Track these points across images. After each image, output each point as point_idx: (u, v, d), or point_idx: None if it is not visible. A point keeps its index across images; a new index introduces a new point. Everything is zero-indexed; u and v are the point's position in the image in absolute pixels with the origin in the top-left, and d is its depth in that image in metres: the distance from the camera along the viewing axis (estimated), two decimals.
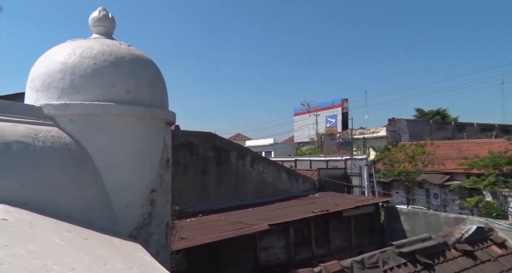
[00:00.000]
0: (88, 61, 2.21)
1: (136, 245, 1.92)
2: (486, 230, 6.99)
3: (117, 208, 2.17)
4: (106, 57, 2.27)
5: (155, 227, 2.47)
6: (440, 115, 51.45)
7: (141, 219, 2.34)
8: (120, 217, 2.17)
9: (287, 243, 7.78)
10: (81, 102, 2.15)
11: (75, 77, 2.18)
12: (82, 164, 2.05)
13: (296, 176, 12.25)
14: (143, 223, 2.35)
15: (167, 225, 2.70)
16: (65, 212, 1.82)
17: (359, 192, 14.65)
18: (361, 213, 9.68)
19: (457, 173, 27.38)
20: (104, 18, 2.55)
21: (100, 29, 2.57)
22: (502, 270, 6.03)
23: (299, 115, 53.92)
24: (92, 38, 2.51)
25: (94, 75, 2.21)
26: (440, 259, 5.89)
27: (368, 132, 39.47)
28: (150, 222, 2.43)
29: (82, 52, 2.25)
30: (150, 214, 2.43)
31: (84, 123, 2.16)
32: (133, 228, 2.26)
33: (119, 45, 2.44)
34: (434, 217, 8.86)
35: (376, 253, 5.56)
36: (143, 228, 2.34)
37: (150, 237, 2.41)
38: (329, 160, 16.19)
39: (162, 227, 2.58)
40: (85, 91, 2.18)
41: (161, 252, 2.52)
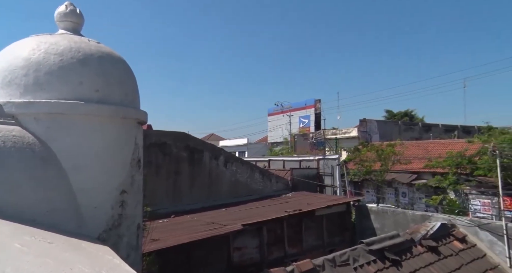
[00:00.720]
0: (54, 58, 2.12)
1: (105, 247, 1.86)
2: (449, 226, 7.32)
3: (85, 210, 2.09)
4: (73, 54, 2.18)
5: (125, 229, 2.40)
6: (408, 116, 53.40)
7: (110, 221, 2.27)
8: (88, 219, 2.10)
9: (260, 243, 7.81)
10: (46, 100, 2.06)
11: (39, 74, 2.09)
12: (47, 165, 1.96)
13: (269, 176, 12.31)
14: (112, 225, 2.28)
15: (138, 226, 2.64)
16: (28, 216, 1.74)
17: (331, 191, 14.93)
18: (333, 212, 9.86)
19: (424, 172, 28.49)
20: (71, 13, 2.46)
21: (67, 25, 2.47)
22: (462, 264, 6.35)
23: (273, 116, 54.30)
24: (58, 34, 2.41)
25: (60, 72, 2.12)
26: (407, 255, 6.11)
27: (340, 133, 40.30)
28: (120, 224, 2.36)
29: (48, 48, 2.15)
30: (120, 215, 2.37)
31: (50, 122, 2.07)
32: (102, 230, 2.19)
33: (87, 41, 2.36)
34: (402, 215, 9.17)
35: (347, 251, 5.69)
36: (113, 230, 2.27)
37: (120, 239, 2.35)
38: (302, 160, 16.39)
39: (132, 229, 2.52)
40: (50, 89, 2.09)
41: (132, 254, 2.46)
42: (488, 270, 6.48)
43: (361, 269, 5.48)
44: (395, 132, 40.65)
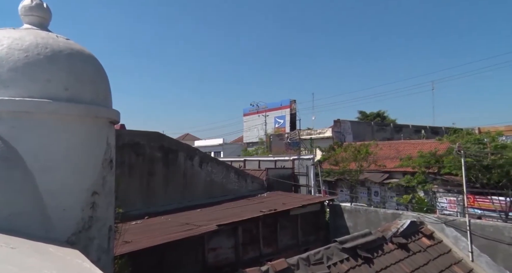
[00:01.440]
0: (19, 54, 2.03)
1: (74, 251, 1.80)
2: (417, 223, 7.58)
3: (52, 212, 2.01)
4: (40, 50, 2.09)
5: (96, 232, 2.33)
6: (380, 117, 54.91)
7: (80, 224, 2.19)
8: (56, 222, 2.02)
9: (235, 243, 7.79)
10: (10, 98, 1.96)
11: (2, 70, 1.99)
12: (10, 166, 1.87)
13: (244, 176, 12.31)
14: (82, 228, 2.21)
15: (110, 229, 2.57)
16: None
17: (306, 191, 15.11)
18: (308, 211, 9.98)
19: (395, 172, 29.39)
20: (37, 7, 2.36)
21: (32, 19, 2.36)
22: (430, 259, 6.60)
23: (249, 116, 54.36)
24: (23, 29, 2.30)
25: (26, 69, 2.02)
26: (379, 252, 6.28)
27: (315, 133, 40.88)
28: (91, 226, 2.29)
29: (11, 43, 2.05)
30: (91, 217, 2.29)
31: (14, 121, 1.98)
32: (71, 233, 2.12)
33: (55, 37, 2.27)
34: (374, 213, 9.41)
35: (321, 249, 5.77)
36: (83, 233, 2.20)
37: (91, 242, 2.28)
38: (277, 160, 16.49)
39: (104, 231, 2.45)
40: (15, 86, 1.99)
41: (103, 257, 2.39)
42: (452, 264, 6.76)
43: (334, 267, 5.58)
44: (368, 132, 41.71)
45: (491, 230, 6.91)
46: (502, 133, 25.65)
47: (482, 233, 6.97)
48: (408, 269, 6.14)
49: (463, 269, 6.74)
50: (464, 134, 23.45)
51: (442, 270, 6.46)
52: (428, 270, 6.33)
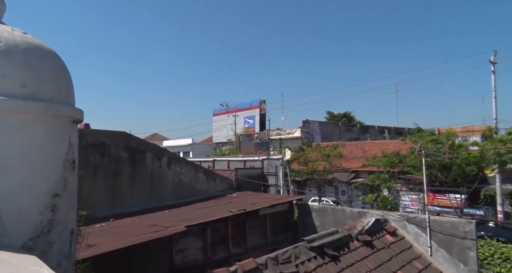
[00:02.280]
0: None
1: (31, 257, 1.71)
2: (382, 221, 7.86)
3: (6, 217, 1.90)
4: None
5: (56, 236, 2.23)
6: (347, 117, 56.37)
7: (38, 228, 2.09)
8: (11, 227, 1.91)
9: (204, 244, 7.72)
10: None
11: None
12: None
13: (214, 176, 12.23)
14: (41, 232, 2.10)
15: (72, 232, 2.47)
16: None
17: (275, 190, 15.24)
18: (277, 211, 10.06)
19: (361, 171, 30.31)
20: None
21: None
22: (393, 255, 6.87)
23: (218, 116, 54.10)
24: None
25: None
26: (345, 250, 6.45)
27: (284, 133, 41.33)
28: (51, 230, 2.19)
29: None
30: (51, 221, 2.19)
31: None
32: (27, 238, 2.01)
33: (11, 31, 2.15)
34: (341, 212, 9.65)
35: (289, 248, 5.84)
36: (41, 237, 2.10)
37: (50, 246, 2.18)
38: (247, 160, 16.52)
39: (65, 235, 2.35)
40: None
41: (63, 262, 2.29)
42: (413, 259, 7.07)
43: (302, 266, 5.67)
44: (336, 133, 42.71)
45: (447, 226, 7.30)
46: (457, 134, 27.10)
47: (440, 229, 7.35)
48: (373, 265, 6.35)
49: (422, 264, 7.07)
50: (426, 135, 24.56)
51: (403, 265, 6.73)
52: (391, 265, 6.58)
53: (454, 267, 7.12)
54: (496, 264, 10.50)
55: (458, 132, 30.55)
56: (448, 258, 7.21)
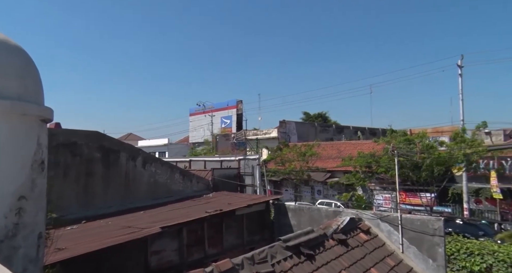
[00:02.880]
0: None
1: None
2: (356, 220, 8.03)
3: None
4: None
5: (22, 240, 2.14)
6: (322, 118, 57.17)
7: (2, 232, 2.00)
8: None
9: (180, 245, 7.63)
10: None
11: None
12: None
13: (190, 176, 12.12)
14: (5, 236, 2.01)
15: (40, 236, 2.38)
16: None
17: (252, 190, 15.27)
18: (253, 211, 10.08)
19: (337, 171, 30.87)
20: None
21: None
22: (366, 253, 7.03)
23: (195, 115, 53.61)
24: None
25: None
26: (320, 249, 6.54)
27: (261, 133, 41.47)
28: (16, 234, 2.10)
29: None
30: (17, 225, 2.10)
31: None
32: None
33: None
34: (317, 211, 9.78)
35: (265, 248, 5.86)
36: (5, 242, 2.01)
37: (15, 251, 2.09)
38: (223, 160, 16.46)
39: (32, 239, 2.26)
40: None
41: (30, 268, 2.20)
42: (386, 257, 7.27)
43: (278, 265, 5.70)
44: (312, 133, 43.26)
45: (418, 224, 7.55)
46: (427, 135, 28.05)
47: (411, 227, 7.59)
48: (347, 263, 6.48)
49: (394, 261, 7.27)
50: (398, 136, 25.29)
51: (377, 263, 6.90)
52: (364, 263, 6.73)
53: (424, 263, 7.37)
54: (462, 258, 10.97)
55: (429, 133, 31.66)
56: (418, 255, 7.46)
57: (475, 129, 22.42)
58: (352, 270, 6.33)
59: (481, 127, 22.01)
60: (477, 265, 10.64)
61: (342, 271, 6.20)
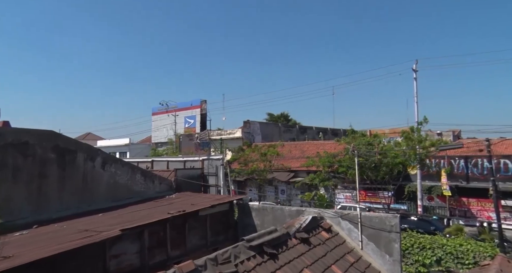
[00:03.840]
0: None
1: None
2: (318, 219, 8.21)
3: None
4: None
5: None
6: (285, 118, 57.98)
7: None
8: None
9: (141, 248, 7.41)
10: None
11: None
12: None
13: (152, 177, 11.82)
14: None
15: None
16: None
17: (215, 191, 15.17)
18: (217, 211, 10.00)
19: (300, 171, 31.43)
20: None
21: None
22: (328, 251, 7.21)
23: (157, 115, 52.37)
24: None
25: None
26: (283, 248, 6.61)
27: (225, 133, 41.32)
28: None
29: None
30: None
31: None
32: None
33: None
34: (280, 211, 9.89)
35: (229, 248, 5.84)
36: None
37: None
38: (187, 160, 16.22)
39: None
40: None
41: None
42: (346, 253, 7.50)
43: (241, 265, 5.69)
44: (276, 133, 43.72)
45: (376, 221, 7.86)
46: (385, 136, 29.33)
47: (370, 224, 7.88)
48: (309, 261, 6.60)
49: (354, 257, 7.52)
50: (358, 136, 26.22)
51: (337, 260, 7.10)
52: (326, 260, 6.89)
53: (381, 259, 7.68)
54: (415, 253, 11.58)
55: (387, 134, 33.11)
56: (376, 251, 7.76)
57: (417, 125, 23.81)
58: (314, 267, 6.46)
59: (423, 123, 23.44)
60: (428, 258, 11.28)
61: (304, 269, 6.31)
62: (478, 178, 26.71)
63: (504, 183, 25.04)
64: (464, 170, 27.42)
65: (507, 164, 25.85)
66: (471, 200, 27.03)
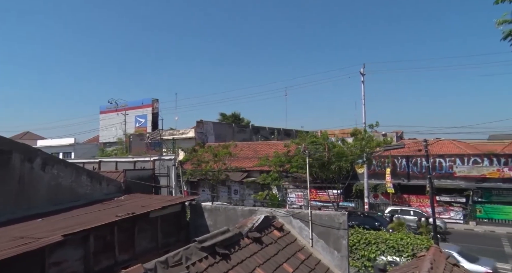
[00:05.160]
0: None
1: None
2: (270, 218, 8.33)
3: None
4: None
5: None
6: (238, 119, 58.15)
7: None
8: None
9: (85, 253, 7.01)
10: None
11: None
12: None
13: (99, 178, 11.24)
14: None
15: None
16: None
17: (167, 192, 14.81)
18: (168, 212, 9.78)
19: (253, 171, 31.69)
20: None
21: None
22: (279, 249, 7.35)
23: (106, 114, 49.95)
24: None
25: None
26: (236, 248, 6.62)
27: (177, 133, 40.51)
28: None
29: None
30: None
31: None
32: None
33: None
34: (233, 211, 9.89)
35: (180, 250, 5.73)
36: None
37: None
38: (137, 161, 15.66)
39: None
40: None
41: None
42: (297, 251, 7.69)
43: (193, 267, 5.61)
44: (229, 133, 43.69)
45: (326, 219, 8.14)
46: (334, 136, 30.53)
47: (320, 222, 8.15)
48: (261, 260, 6.67)
49: (305, 255, 7.73)
50: (308, 137, 27.00)
51: (288, 258, 7.25)
52: (277, 259, 7.01)
53: (330, 255, 7.98)
54: (361, 248, 12.19)
55: (336, 134, 34.47)
56: (325, 248, 8.04)
57: (368, 127, 25.16)
58: (266, 266, 6.54)
59: (375, 126, 24.81)
60: (373, 252, 11.94)
61: (257, 268, 6.37)
62: (417, 176, 28.75)
63: (439, 180, 27.22)
64: (406, 169, 29.38)
65: (442, 162, 28.11)
66: (411, 197, 29.02)
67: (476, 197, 26.89)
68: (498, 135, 36.74)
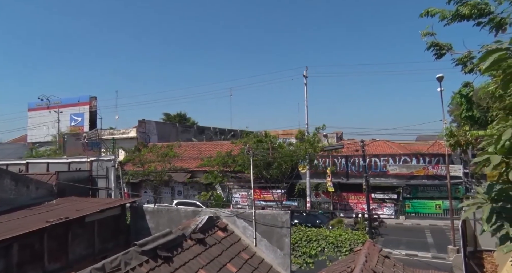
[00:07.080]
0: None
1: None
2: (214, 218, 8.27)
3: None
4: None
5: None
6: (182, 118, 57.04)
7: None
8: None
9: (7, 265, 6.37)
10: None
11: None
12: None
13: (26, 182, 10.31)
14: None
15: None
16: None
17: (106, 194, 14.02)
18: (107, 216, 9.29)
19: (197, 171, 31.24)
20: None
21: None
22: (223, 250, 7.32)
23: (36, 111, 45.98)
24: None
25: None
26: (179, 250, 6.47)
27: (118, 133, 38.63)
28: None
29: None
30: None
31: None
32: None
33: None
34: (176, 212, 9.65)
35: (119, 255, 5.45)
36: None
37: None
38: (72, 162, 14.61)
39: None
40: None
41: None
42: (241, 251, 7.72)
43: (133, 272, 5.37)
44: (173, 133, 42.65)
45: (269, 218, 8.29)
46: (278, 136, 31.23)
47: (263, 221, 8.27)
48: (205, 261, 6.59)
49: (248, 254, 7.79)
50: (253, 137, 27.29)
51: (232, 258, 7.25)
52: (221, 259, 6.97)
53: (273, 253, 8.13)
54: (303, 245, 12.59)
55: (280, 135, 35.25)
56: (269, 246, 8.17)
57: (315, 130, 26.16)
58: (209, 267, 6.48)
59: (321, 129, 25.82)
60: (314, 249, 12.38)
61: (200, 269, 6.27)
62: (355, 175, 30.45)
63: (374, 179, 29.10)
64: (345, 168, 30.95)
65: (377, 162, 30.09)
66: (349, 195, 30.63)
67: (405, 194, 29.19)
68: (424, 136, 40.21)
